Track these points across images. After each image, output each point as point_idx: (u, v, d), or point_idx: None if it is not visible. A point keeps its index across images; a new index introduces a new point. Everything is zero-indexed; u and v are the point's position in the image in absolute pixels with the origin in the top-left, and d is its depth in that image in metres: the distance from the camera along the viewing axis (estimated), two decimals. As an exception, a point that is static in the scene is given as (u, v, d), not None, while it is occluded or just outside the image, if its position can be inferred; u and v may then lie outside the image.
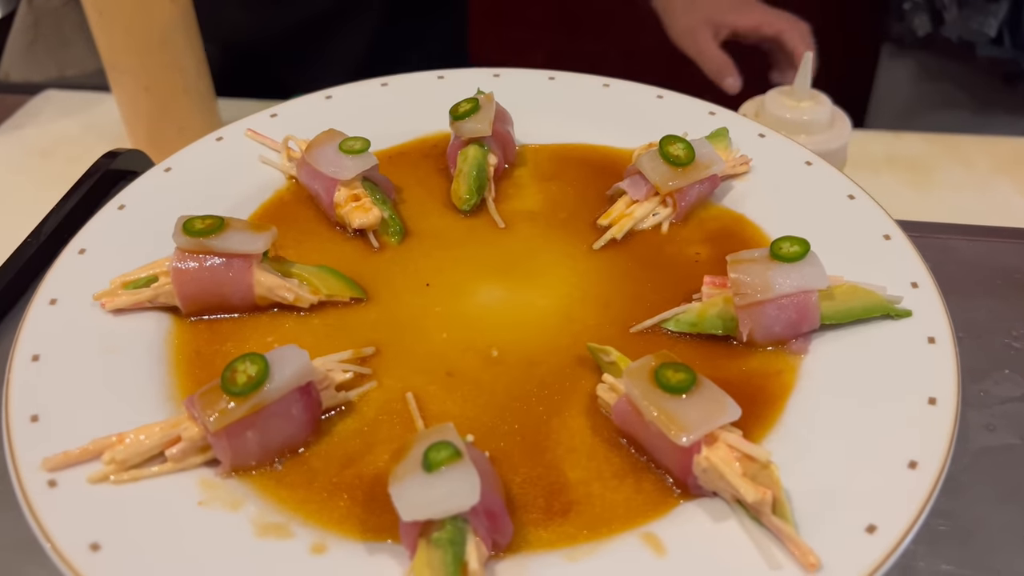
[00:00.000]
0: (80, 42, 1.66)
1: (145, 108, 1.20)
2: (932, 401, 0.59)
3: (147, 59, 1.15)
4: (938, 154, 1.36)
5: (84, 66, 1.68)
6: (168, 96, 1.19)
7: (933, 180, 1.30)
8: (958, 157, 1.35)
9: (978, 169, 1.33)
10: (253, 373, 0.55)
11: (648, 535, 0.53)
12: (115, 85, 1.20)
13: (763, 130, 0.85)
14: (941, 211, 1.22)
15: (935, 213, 1.21)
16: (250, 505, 0.55)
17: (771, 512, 0.51)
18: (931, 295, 0.67)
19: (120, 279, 0.68)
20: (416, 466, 0.51)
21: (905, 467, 0.55)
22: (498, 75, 0.93)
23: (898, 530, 0.51)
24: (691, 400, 0.55)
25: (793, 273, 0.63)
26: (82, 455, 0.56)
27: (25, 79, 1.67)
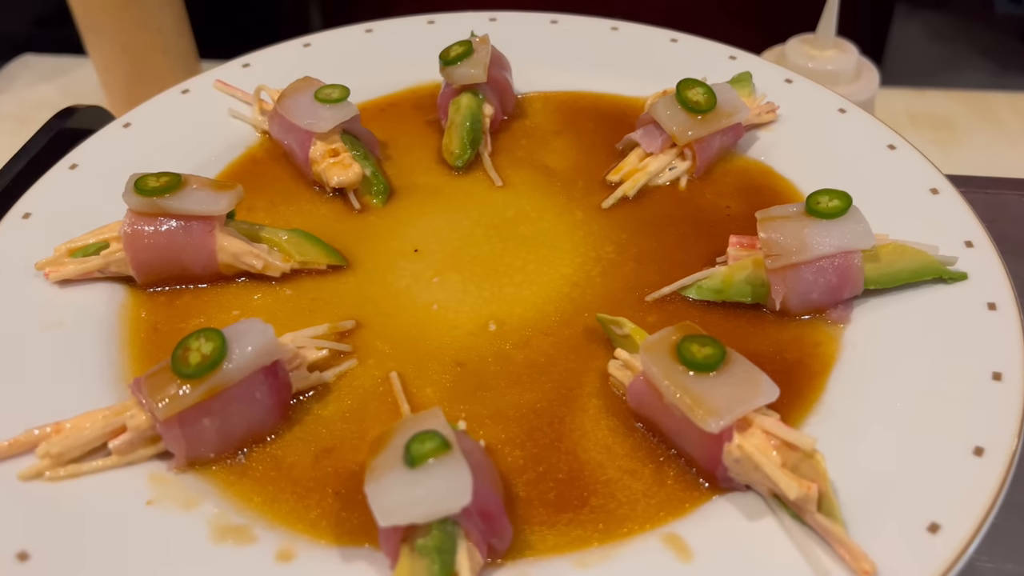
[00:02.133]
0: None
1: (123, 69, 1.14)
2: (997, 376, 0.51)
3: (122, 16, 1.09)
4: (963, 111, 1.28)
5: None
6: (146, 56, 1.14)
7: (959, 138, 1.23)
8: (985, 114, 1.28)
9: (1007, 126, 1.26)
10: (208, 351, 0.48)
11: (671, 536, 0.46)
12: (91, 47, 1.14)
13: (790, 75, 0.77)
14: (970, 169, 1.15)
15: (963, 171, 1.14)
16: (207, 504, 0.48)
17: (816, 509, 0.44)
18: (988, 255, 0.59)
19: (66, 246, 0.61)
20: (397, 459, 0.43)
21: (970, 454, 0.48)
22: (495, 19, 0.84)
23: (966, 528, 0.44)
24: (720, 379, 0.47)
25: (833, 231, 0.55)
26: (12, 448, 0.49)
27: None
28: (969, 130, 1.26)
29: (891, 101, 1.29)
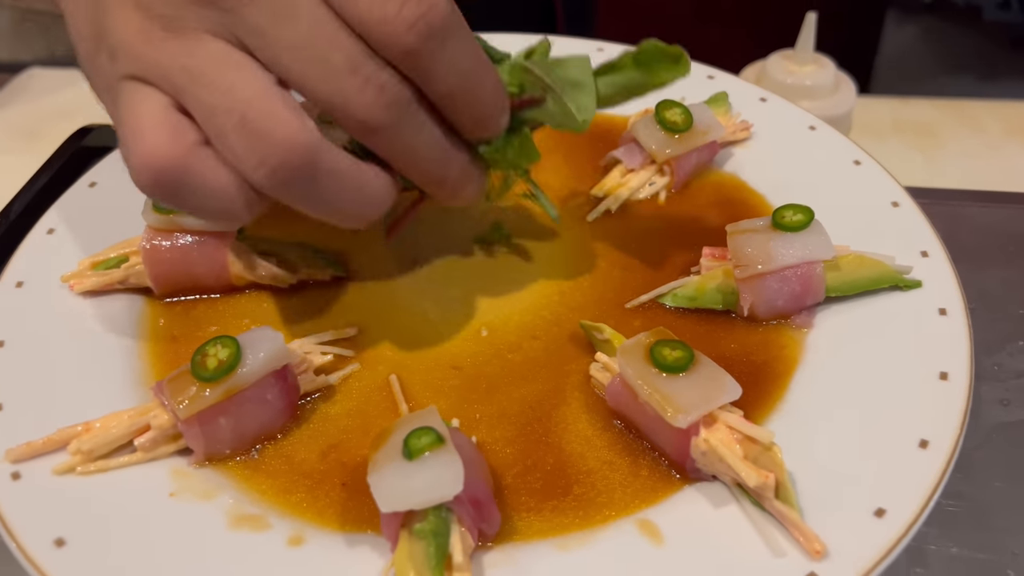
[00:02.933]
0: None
1: None
2: (944, 376, 0.56)
3: None
4: (946, 119, 1.32)
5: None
6: None
7: (942, 145, 1.26)
8: (967, 122, 1.31)
9: (988, 134, 1.29)
10: (224, 357, 0.52)
11: (644, 522, 0.50)
12: None
13: (764, 94, 0.81)
14: (951, 177, 1.18)
15: (944, 179, 1.17)
16: (224, 496, 0.52)
17: (774, 497, 0.49)
18: (942, 264, 0.63)
19: (89, 260, 0.65)
20: (397, 453, 0.48)
21: (915, 447, 0.52)
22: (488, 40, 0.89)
23: (909, 513, 0.49)
24: (689, 379, 0.52)
25: (796, 243, 0.60)
26: (46, 445, 0.53)
27: (14, 58, 1.64)
28: (952, 137, 1.29)
29: (876, 109, 1.32)
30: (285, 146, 0.44)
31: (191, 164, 0.46)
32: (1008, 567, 0.53)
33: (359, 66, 0.45)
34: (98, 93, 0.51)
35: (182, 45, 0.45)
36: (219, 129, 0.45)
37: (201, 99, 0.45)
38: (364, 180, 0.49)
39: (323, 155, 0.46)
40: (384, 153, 0.49)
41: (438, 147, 0.51)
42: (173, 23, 0.46)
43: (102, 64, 0.48)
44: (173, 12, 0.46)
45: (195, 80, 0.45)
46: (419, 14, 0.45)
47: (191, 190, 0.46)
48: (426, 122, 0.49)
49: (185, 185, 0.46)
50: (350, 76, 0.45)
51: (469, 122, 0.52)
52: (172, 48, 0.45)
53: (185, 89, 0.45)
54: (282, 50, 0.45)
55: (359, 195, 0.49)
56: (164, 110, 0.45)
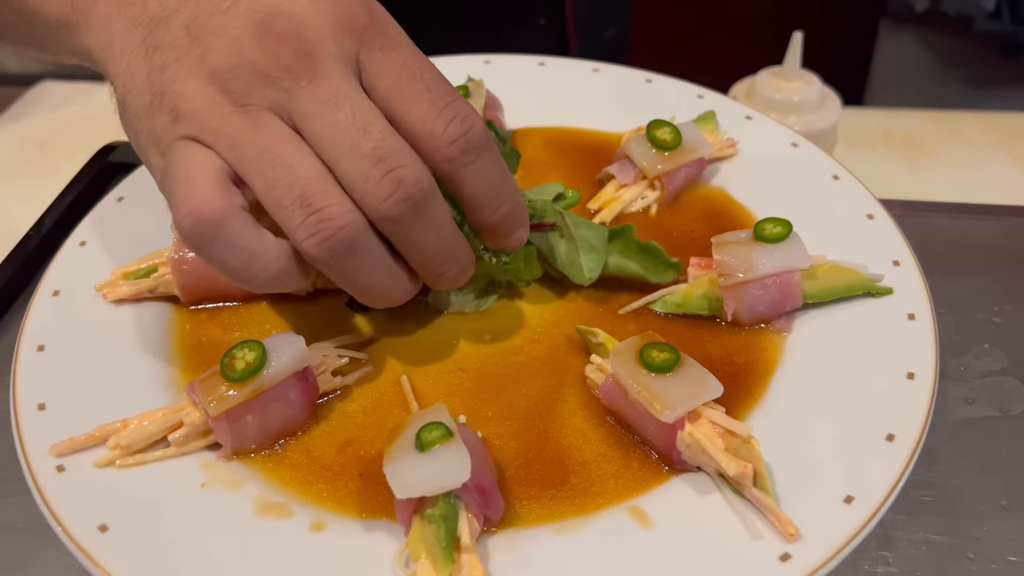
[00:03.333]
0: None
1: None
2: (911, 376, 0.60)
3: None
4: (934, 130, 1.36)
5: (82, 55, 1.69)
6: None
7: (929, 156, 1.30)
8: (955, 133, 1.35)
9: (975, 145, 1.33)
10: (251, 359, 0.57)
11: (634, 508, 0.55)
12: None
13: (750, 112, 0.86)
14: (937, 187, 1.23)
15: (931, 189, 1.22)
16: (251, 486, 0.57)
17: (752, 485, 0.53)
18: (912, 273, 0.68)
19: (120, 270, 0.70)
20: (409, 446, 0.53)
21: (883, 440, 0.57)
22: (488, 61, 0.94)
23: (875, 500, 0.53)
24: (675, 378, 0.56)
25: (776, 254, 0.65)
26: (88, 441, 0.58)
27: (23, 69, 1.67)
28: (939, 148, 1.33)
29: (866, 121, 1.37)
30: (338, 223, 0.50)
31: (233, 221, 0.51)
32: (969, 550, 0.58)
33: (384, 158, 0.50)
34: (142, 144, 0.56)
35: (249, 121, 0.51)
36: (278, 201, 0.51)
37: (264, 172, 0.51)
38: (394, 268, 0.56)
39: (364, 235, 0.52)
40: (395, 241, 0.54)
41: (442, 246, 0.56)
42: (241, 99, 0.52)
43: (159, 123, 0.53)
44: (243, 89, 0.52)
45: (260, 155, 0.51)
46: (461, 132, 0.52)
47: (225, 245, 0.52)
48: (436, 220, 0.54)
49: (221, 239, 0.52)
50: (374, 166, 0.50)
51: (492, 230, 0.59)
52: (240, 122, 0.51)
53: (248, 161, 0.51)
54: (323, 133, 0.51)
55: (389, 280, 0.56)
56: (219, 171, 0.51)
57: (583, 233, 0.68)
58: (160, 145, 0.53)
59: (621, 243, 0.69)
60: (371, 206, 0.51)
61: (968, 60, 1.73)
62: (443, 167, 0.53)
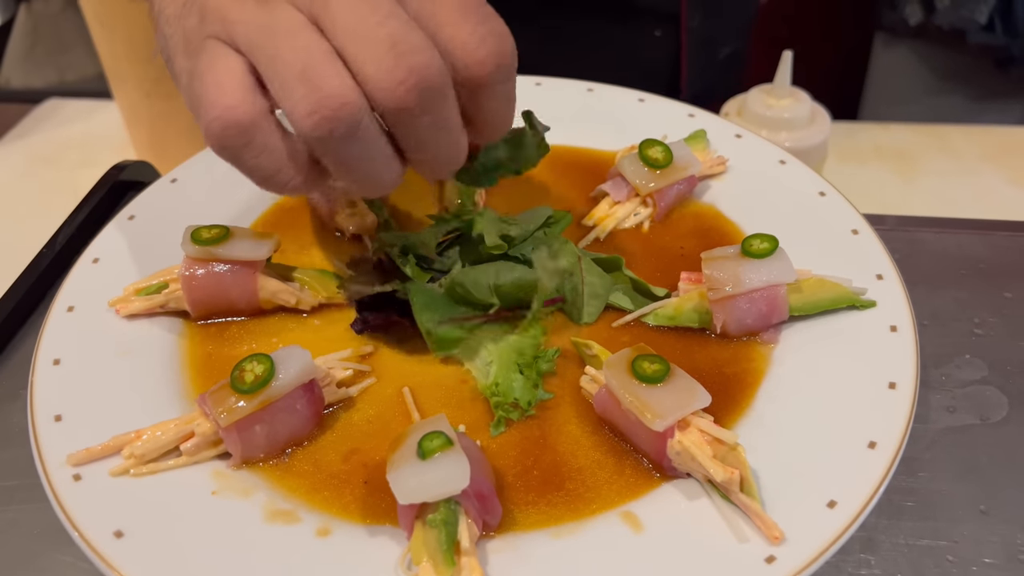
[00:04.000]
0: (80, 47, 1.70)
1: (147, 114, 1.24)
2: (892, 386, 0.63)
3: (148, 67, 1.18)
4: (925, 144, 1.39)
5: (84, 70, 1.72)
6: (169, 102, 1.23)
7: (920, 170, 1.33)
8: (944, 147, 1.38)
9: (964, 158, 1.35)
10: (260, 372, 0.60)
11: (627, 514, 0.58)
12: (117, 93, 1.24)
13: (740, 131, 0.89)
14: (927, 201, 1.25)
15: (921, 201, 1.25)
16: (260, 493, 0.59)
17: (739, 490, 0.56)
18: (895, 286, 0.71)
19: (133, 286, 0.73)
20: (412, 454, 0.55)
21: (865, 447, 0.59)
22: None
23: (856, 505, 0.56)
24: (665, 389, 0.59)
25: (762, 268, 0.68)
26: (103, 451, 0.61)
27: (26, 85, 1.70)
28: (928, 161, 1.36)
29: (857, 135, 1.40)
30: (337, 100, 0.48)
31: (260, 124, 0.51)
32: (948, 552, 0.61)
33: (398, 43, 0.48)
34: (170, 51, 0.57)
35: (267, 10, 0.51)
36: (282, 78, 0.49)
37: (270, 52, 0.50)
38: (390, 155, 0.53)
39: (365, 117, 0.50)
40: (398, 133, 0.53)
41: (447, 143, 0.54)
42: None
43: (189, 24, 0.55)
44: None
45: (270, 37, 0.50)
46: (497, 51, 0.51)
47: (254, 148, 0.51)
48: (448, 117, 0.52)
49: (251, 142, 0.51)
50: (388, 51, 0.48)
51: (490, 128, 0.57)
52: (258, 12, 0.51)
53: (261, 45, 0.50)
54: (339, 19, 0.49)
55: (384, 165, 0.53)
56: (244, 74, 0.51)
57: (591, 279, 0.71)
58: (189, 46, 0.54)
59: (613, 278, 0.73)
60: (381, 92, 0.49)
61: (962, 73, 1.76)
62: (469, 82, 0.51)
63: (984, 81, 1.74)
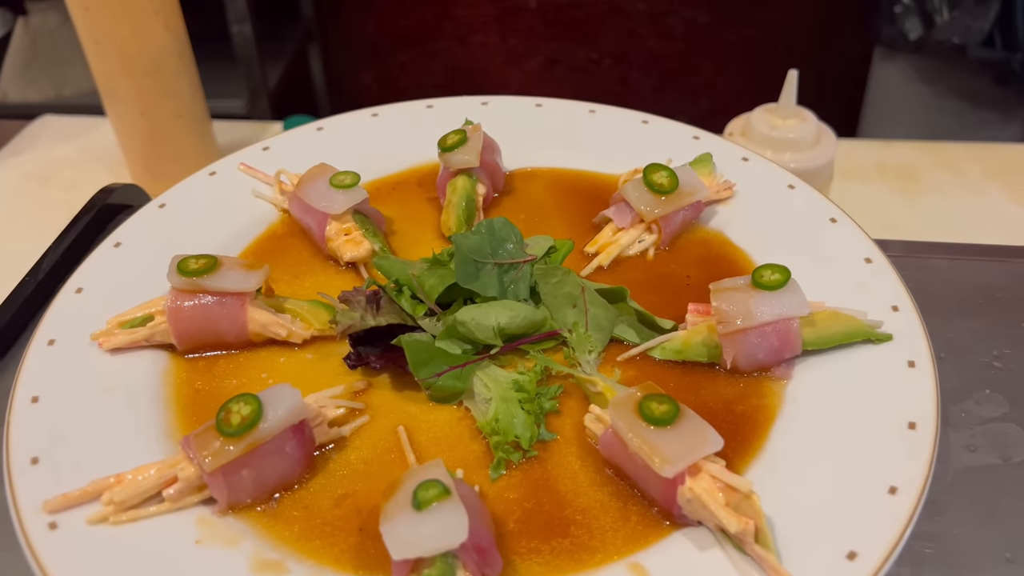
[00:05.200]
0: (77, 62, 1.69)
1: (141, 133, 1.22)
2: (912, 426, 0.60)
3: (142, 84, 1.17)
4: (928, 162, 1.36)
5: (81, 85, 1.70)
6: (163, 121, 1.21)
7: (923, 188, 1.31)
8: (948, 165, 1.36)
9: (968, 176, 1.33)
10: (247, 413, 0.57)
11: (635, 565, 0.54)
12: (111, 111, 1.22)
13: (746, 154, 0.86)
14: (931, 219, 1.23)
15: (925, 221, 1.22)
16: (246, 542, 0.56)
17: (754, 541, 0.53)
18: (911, 318, 0.68)
19: (116, 319, 0.70)
20: (406, 504, 0.52)
21: (885, 493, 0.56)
22: (486, 103, 0.95)
23: (879, 556, 0.53)
24: (675, 431, 0.56)
25: (774, 301, 0.65)
26: (81, 497, 0.57)
27: (23, 99, 1.69)
28: (932, 179, 1.34)
29: (860, 153, 1.38)
30: None
31: None
32: (973, 604, 0.58)
33: None
34: None
35: None
36: None
37: None
38: None
39: None
40: None
41: None
42: None
43: None
44: None
45: None
46: None
47: None
48: None
49: None
50: None
51: None
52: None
53: None
54: None
55: None
56: None
57: (595, 312, 0.68)
58: None
59: (617, 310, 0.70)
60: None
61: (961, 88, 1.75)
62: None
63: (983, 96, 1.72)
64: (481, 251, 0.69)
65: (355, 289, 0.69)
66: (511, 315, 0.66)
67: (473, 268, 0.69)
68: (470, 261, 0.69)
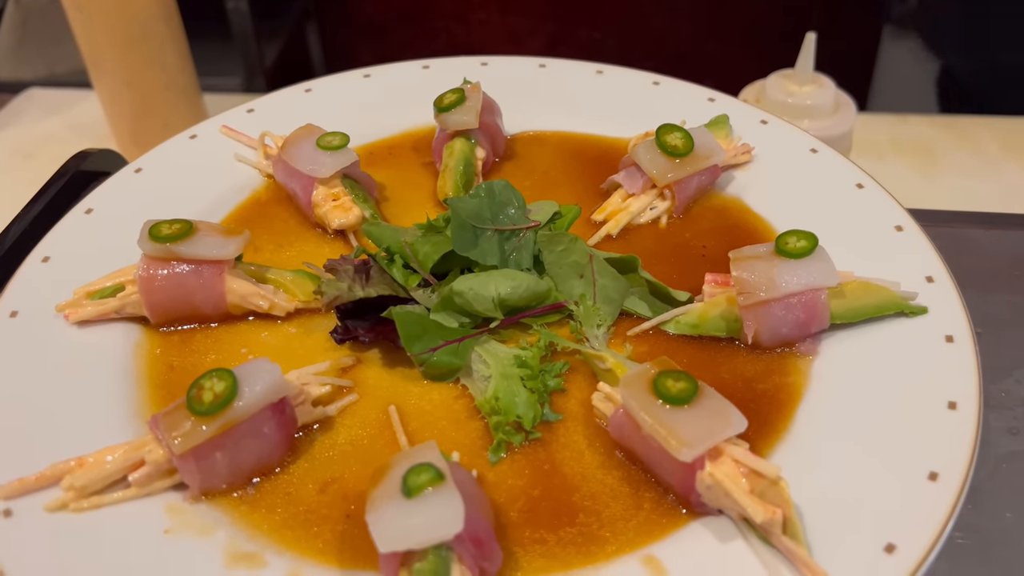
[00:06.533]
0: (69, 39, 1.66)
1: (128, 105, 1.19)
2: (952, 405, 0.55)
3: (128, 54, 1.14)
4: (944, 137, 1.32)
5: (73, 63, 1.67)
6: (150, 92, 1.18)
7: (940, 164, 1.27)
8: (965, 140, 1.31)
9: (987, 152, 1.29)
10: (220, 390, 0.52)
11: (649, 558, 0.50)
12: (97, 82, 1.19)
13: (765, 116, 0.81)
14: (950, 196, 1.19)
15: (943, 199, 1.17)
16: (221, 532, 0.51)
17: (782, 532, 0.48)
18: (948, 290, 0.63)
19: (84, 289, 0.64)
20: (396, 491, 0.47)
21: (925, 479, 0.51)
22: (486, 63, 0.89)
23: (920, 549, 0.48)
24: (693, 411, 0.51)
25: (800, 270, 0.59)
26: (39, 481, 0.53)
27: (15, 77, 1.66)
28: (949, 155, 1.29)
29: (874, 127, 1.33)
30: None
31: None
32: (1020, 602, 0.53)
33: None
34: None
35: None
36: None
37: None
38: None
39: None
40: None
41: None
42: None
43: None
44: None
45: None
46: None
47: None
48: None
49: None
50: None
51: None
52: None
53: None
54: None
55: None
56: None
57: (604, 282, 0.63)
58: None
59: (628, 280, 0.64)
60: None
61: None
62: None
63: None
64: (480, 216, 0.64)
65: (342, 258, 0.64)
66: (513, 285, 0.61)
67: (471, 234, 0.63)
68: (468, 227, 0.63)
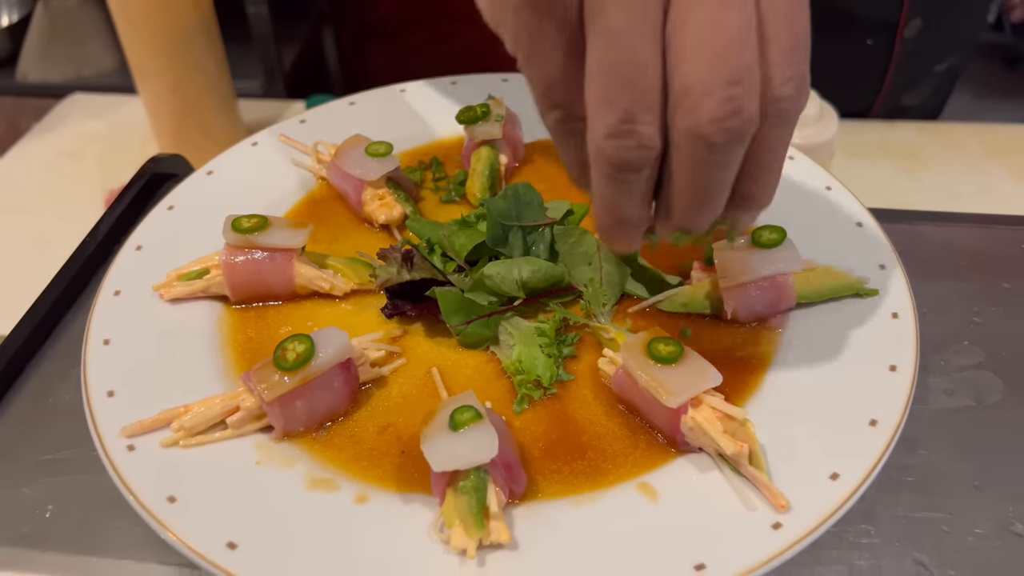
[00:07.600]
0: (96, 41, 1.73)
1: (171, 108, 1.29)
2: (893, 368, 0.67)
3: (172, 61, 1.24)
4: (931, 142, 1.41)
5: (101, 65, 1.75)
6: (192, 95, 1.28)
7: (927, 167, 1.36)
8: (951, 144, 1.41)
9: (970, 156, 1.38)
10: (301, 351, 0.64)
11: (643, 484, 0.62)
12: (142, 87, 1.29)
13: (750, 127, 0.93)
14: (934, 197, 1.29)
15: (929, 199, 1.28)
16: (300, 464, 0.64)
17: (748, 463, 0.60)
18: (896, 276, 0.75)
19: (176, 272, 0.77)
20: (444, 426, 0.59)
21: (867, 425, 0.63)
22: (506, 79, 1.01)
23: (858, 477, 0.60)
24: (679, 369, 0.63)
25: (771, 258, 0.71)
26: (154, 423, 0.65)
27: (43, 79, 1.74)
28: (935, 158, 1.39)
29: (865, 132, 1.43)
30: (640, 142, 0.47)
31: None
32: (943, 524, 0.64)
33: (737, 83, 0.45)
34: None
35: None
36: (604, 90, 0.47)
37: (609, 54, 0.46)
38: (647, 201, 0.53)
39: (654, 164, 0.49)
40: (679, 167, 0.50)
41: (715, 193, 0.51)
42: None
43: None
44: None
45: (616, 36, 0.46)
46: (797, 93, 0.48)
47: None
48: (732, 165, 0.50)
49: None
50: (724, 87, 0.45)
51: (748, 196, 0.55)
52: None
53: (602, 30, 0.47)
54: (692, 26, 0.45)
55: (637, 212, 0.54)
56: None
57: (608, 269, 0.75)
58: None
59: (629, 267, 0.77)
60: (692, 120, 0.46)
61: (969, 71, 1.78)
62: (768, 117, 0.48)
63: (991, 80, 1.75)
64: (508, 215, 0.76)
65: (391, 247, 0.76)
66: (533, 270, 0.73)
67: (502, 232, 0.75)
68: (499, 225, 0.75)
